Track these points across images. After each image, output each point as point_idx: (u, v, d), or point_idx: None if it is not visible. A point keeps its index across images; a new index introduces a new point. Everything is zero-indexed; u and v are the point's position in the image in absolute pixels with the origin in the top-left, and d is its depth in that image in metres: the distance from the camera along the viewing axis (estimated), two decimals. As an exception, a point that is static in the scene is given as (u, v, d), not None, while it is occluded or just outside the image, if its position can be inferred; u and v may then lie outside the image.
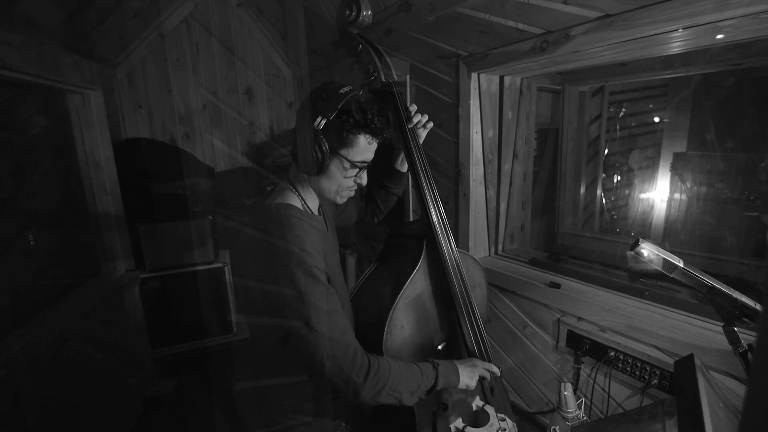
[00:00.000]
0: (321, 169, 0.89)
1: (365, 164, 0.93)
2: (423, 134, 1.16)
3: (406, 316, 1.03)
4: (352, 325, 1.01)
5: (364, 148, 0.91)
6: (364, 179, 0.97)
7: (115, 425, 1.89)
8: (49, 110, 1.88)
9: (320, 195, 0.99)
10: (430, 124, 1.15)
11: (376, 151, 0.98)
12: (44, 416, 1.41)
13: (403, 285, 1.01)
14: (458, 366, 0.99)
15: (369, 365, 0.84)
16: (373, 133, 0.90)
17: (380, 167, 1.23)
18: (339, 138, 0.88)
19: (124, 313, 2.10)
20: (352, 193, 0.99)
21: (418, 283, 1.06)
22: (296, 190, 0.97)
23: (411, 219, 2.15)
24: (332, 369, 0.81)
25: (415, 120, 1.11)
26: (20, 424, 1.29)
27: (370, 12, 1.07)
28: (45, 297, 1.68)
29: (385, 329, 0.98)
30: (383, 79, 1.08)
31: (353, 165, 0.91)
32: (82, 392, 1.63)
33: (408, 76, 1.96)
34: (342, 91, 0.88)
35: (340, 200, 0.98)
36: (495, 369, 1.06)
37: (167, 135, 2.73)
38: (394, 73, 1.10)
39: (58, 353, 1.51)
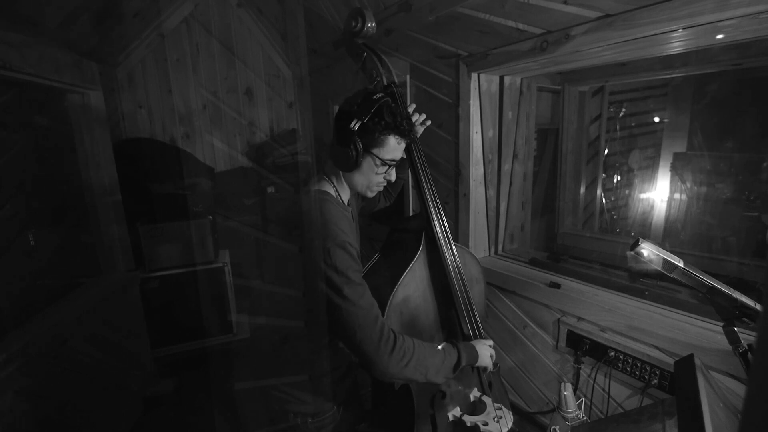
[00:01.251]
0: (355, 165, 0.98)
1: (394, 162, 1.03)
2: (420, 130, 1.27)
3: (405, 303, 1.07)
4: None
5: (394, 147, 1.00)
6: (392, 175, 1.07)
7: (115, 425, 1.89)
8: (49, 110, 1.88)
9: (353, 189, 1.09)
10: (428, 122, 1.26)
11: None
12: (44, 416, 1.41)
13: (403, 273, 1.06)
14: (473, 343, 1.08)
15: (395, 338, 0.91)
16: (402, 134, 0.99)
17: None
18: (372, 138, 0.97)
19: (124, 313, 2.10)
20: (381, 188, 1.09)
21: (417, 272, 1.10)
22: (332, 182, 1.07)
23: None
24: (362, 339, 0.88)
25: (414, 118, 1.19)
26: (20, 424, 1.29)
27: (374, 24, 1.15)
28: (45, 297, 1.68)
29: (385, 315, 1.01)
30: (385, 83, 1.16)
31: (384, 162, 1.00)
32: (82, 392, 1.63)
33: (408, 76, 1.96)
34: (375, 97, 0.97)
35: (371, 194, 1.08)
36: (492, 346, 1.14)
37: (167, 135, 2.73)
38: (394, 76, 1.18)
39: (58, 353, 1.51)
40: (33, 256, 1.65)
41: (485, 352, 1.09)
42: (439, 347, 0.99)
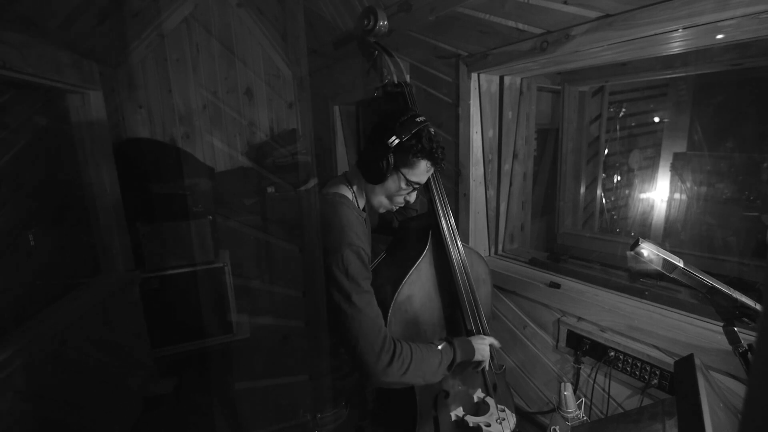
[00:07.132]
0: (382, 179, 1.01)
1: (418, 185, 1.05)
2: None
3: (410, 301, 1.07)
4: None
5: (422, 171, 1.03)
6: (412, 198, 1.08)
7: (115, 425, 1.89)
8: (49, 110, 1.88)
9: (369, 200, 1.11)
10: None
11: None
12: (44, 416, 1.41)
13: (408, 271, 1.07)
14: (470, 339, 1.09)
15: (395, 348, 0.92)
16: (434, 162, 1.03)
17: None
18: (404, 158, 1.00)
19: (124, 313, 2.09)
20: (395, 208, 1.11)
21: (422, 270, 1.11)
22: (351, 188, 1.09)
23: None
24: (364, 346, 0.90)
25: None
26: (21, 424, 1.29)
27: (386, 23, 1.16)
28: (45, 297, 1.68)
29: (390, 312, 1.02)
30: (396, 81, 1.17)
31: (408, 183, 1.03)
32: (82, 392, 1.63)
33: (408, 76, 1.96)
34: (418, 119, 1.00)
35: (382, 210, 1.11)
36: (495, 341, 1.14)
37: (167, 135, 2.73)
38: (405, 75, 1.18)
39: (58, 353, 1.51)
40: (33, 256, 1.65)
41: (481, 345, 1.09)
42: (438, 347, 1.00)
